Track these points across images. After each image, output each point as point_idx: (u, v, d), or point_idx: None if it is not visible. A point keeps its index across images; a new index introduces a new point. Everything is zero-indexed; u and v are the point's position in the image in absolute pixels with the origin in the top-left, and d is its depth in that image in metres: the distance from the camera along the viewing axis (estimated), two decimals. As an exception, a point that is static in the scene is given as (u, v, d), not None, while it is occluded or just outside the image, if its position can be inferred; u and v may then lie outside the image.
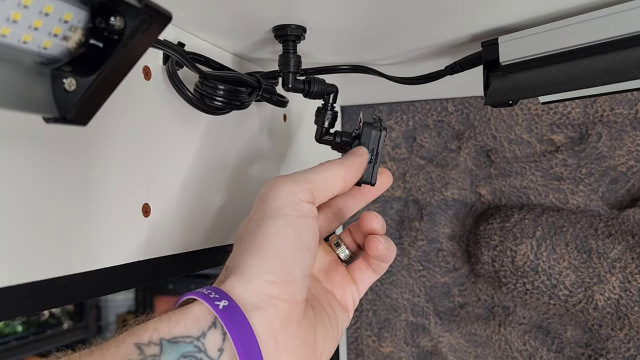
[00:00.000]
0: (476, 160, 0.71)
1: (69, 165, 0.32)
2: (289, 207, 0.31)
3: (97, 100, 0.23)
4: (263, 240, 0.30)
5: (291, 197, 0.31)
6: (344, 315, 0.37)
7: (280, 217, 0.30)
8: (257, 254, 0.30)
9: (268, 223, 0.30)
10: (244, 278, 0.29)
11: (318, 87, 0.42)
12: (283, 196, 0.31)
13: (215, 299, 0.28)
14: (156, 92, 0.39)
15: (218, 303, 0.28)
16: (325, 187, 0.33)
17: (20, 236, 0.29)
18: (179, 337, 0.27)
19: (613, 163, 0.64)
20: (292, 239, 0.30)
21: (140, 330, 0.27)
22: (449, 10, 0.37)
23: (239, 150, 0.50)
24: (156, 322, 0.28)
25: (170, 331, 0.27)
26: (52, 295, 0.30)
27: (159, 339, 0.27)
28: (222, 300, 0.28)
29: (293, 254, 0.30)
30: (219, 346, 0.27)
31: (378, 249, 0.36)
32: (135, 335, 0.27)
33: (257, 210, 0.32)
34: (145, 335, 0.27)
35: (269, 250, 0.30)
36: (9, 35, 0.20)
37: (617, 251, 0.62)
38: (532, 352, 0.69)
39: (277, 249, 0.30)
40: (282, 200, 0.31)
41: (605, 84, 0.34)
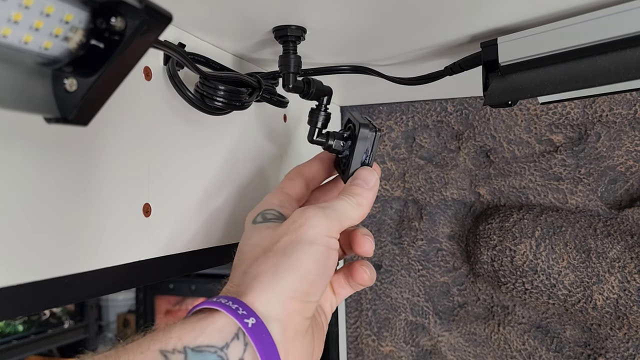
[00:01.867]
0: (475, 160, 0.71)
1: (69, 165, 0.32)
2: (322, 239, 0.34)
3: (98, 101, 0.23)
4: (298, 262, 0.32)
5: (325, 231, 0.34)
6: (326, 321, 0.40)
7: (315, 245, 0.33)
8: (293, 273, 0.32)
9: (304, 248, 0.33)
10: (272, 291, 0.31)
11: (317, 87, 0.42)
12: (319, 230, 0.34)
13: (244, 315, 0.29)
14: (157, 92, 0.39)
15: (247, 321, 0.29)
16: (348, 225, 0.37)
17: (20, 236, 0.29)
18: (203, 346, 0.28)
19: (612, 163, 0.64)
20: (321, 266, 0.33)
21: (164, 337, 0.28)
22: (448, 11, 0.37)
23: (239, 150, 0.50)
24: (180, 330, 0.28)
25: (194, 340, 0.28)
26: (52, 295, 0.30)
27: (183, 347, 0.27)
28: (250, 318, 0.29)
29: (318, 279, 0.33)
30: (240, 356, 0.29)
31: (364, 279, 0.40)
32: (159, 342, 0.27)
33: (292, 232, 0.34)
34: (170, 343, 0.27)
35: (302, 272, 0.32)
36: (10, 36, 0.20)
37: (616, 251, 0.62)
38: (531, 352, 0.69)
39: (309, 273, 0.32)
40: (318, 232, 0.34)
41: (604, 84, 0.34)
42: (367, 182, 0.39)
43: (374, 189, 0.39)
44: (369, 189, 0.39)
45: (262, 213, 0.39)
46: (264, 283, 0.32)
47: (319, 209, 0.35)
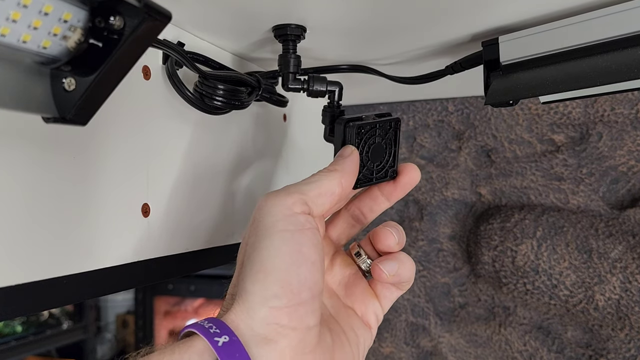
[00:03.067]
0: (476, 160, 0.71)
1: (69, 165, 0.32)
2: (283, 222, 0.29)
3: (96, 100, 0.23)
4: (261, 263, 0.28)
5: (284, 210, 0.29)
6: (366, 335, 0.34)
7: (275, 234, 0.28)
8: (258, 278, 0.27)
9: (264, 244, 0.28)
10: (248, 307, 0.27)
11: (318, 85, 0.42)
12: (275, 211, 0.29)
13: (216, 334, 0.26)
14: (156, 91, 0.39)
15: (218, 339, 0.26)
16: (319, 196, 0.31)
17: (20, 236, 0.29)
18: None
19: (614, 163, 0.64)
20: (292, 256, 0.28)
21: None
22: (449, 9, 0.37)
23: (238, 150, 0.49)
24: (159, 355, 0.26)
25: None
26: (51, 295, 0.30)
27: None
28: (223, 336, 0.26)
29: (296, 272, 0.28)
30: None
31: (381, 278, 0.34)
32: None
33: (252, 233, 0.30)
34: None
35: (270, 273, 0.27)
36: (8, 35, 0.20)
37: (618, 251, 0.62)
38: (533, 353, 0.69)
39: (278, 270, 0.27)
40: (275, 216, 0.29)
41: (605, 83, 0.34)
42: (342, 153, 0.35)
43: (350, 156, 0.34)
44: (344, 157, 0.34)
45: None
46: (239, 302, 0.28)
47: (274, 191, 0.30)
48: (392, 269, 0.33)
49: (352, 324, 0.34)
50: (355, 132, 0.36)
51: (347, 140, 0.36)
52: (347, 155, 0.34)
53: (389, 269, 0.33)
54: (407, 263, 0.34)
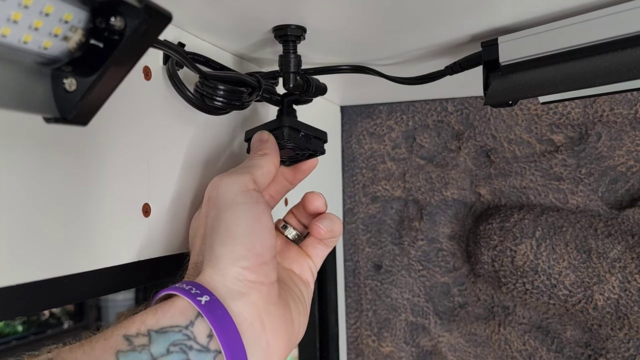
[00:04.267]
0: (476, 160, 0.71)
1: (70, 166, 0.32)
2: (241, 196, 0.33)
3: (97, 101, 0.23)
4: (228, 230, 0.32)
5: (241, 187, 0.34)
6: (306, 289, 0.40)
7: (237, 205, 0.33)
8: (227, 242, 0.31)
9: (228, 214, 0.32)
10: (220, 268, 0.31)
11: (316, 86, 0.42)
12: (232, 188, 0.33)
13: (197, 294, 0.29)
14: (156, 92, 0.39)
15: (200, 299, 0.29)
16: (262, 175, 0.37)
17: (20, 236, 0.29)
18: (166, 327, 0.28)
19: (613, 163, 0.64)
20: (253, 224, 0.32)
21: (128, 323, 0.28)
22: (448, 10, 0.37)
23: (239, 150, 0.50)
24: (142, 315, 0.29)
25: (157, 322, 0.28)
26: (52, 295, 0.30)
27: (146, 330, 0.28)
28: (204, 296, 0.29)
29: (258, 237, 0.32)
30: (208, 332, 0.29)
31: (320, 234, 0.39)
32: (122, 328, 0.28)
33: (212, 208, 0.34)
34: (133, 328, 0.28)
35: (236, 237, 0.31)
36: (9, 36, 0.20)
37: (617, 251, 0.62)
38: (532, 352, 0.69)
39: (244, 235, 0.32)
40: (233, 192, 0.33)
41: (604, 84, 0.34)
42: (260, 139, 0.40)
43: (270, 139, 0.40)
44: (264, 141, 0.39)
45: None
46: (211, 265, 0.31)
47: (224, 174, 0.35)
48: (328, 225, 0.39)
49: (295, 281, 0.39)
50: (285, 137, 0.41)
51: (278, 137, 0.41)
52: (266, 140, 0.40)
53: (325, 225, 0.39)
54: (337, 220, 0.40)
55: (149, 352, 0.27)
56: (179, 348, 0.27)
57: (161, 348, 0.27)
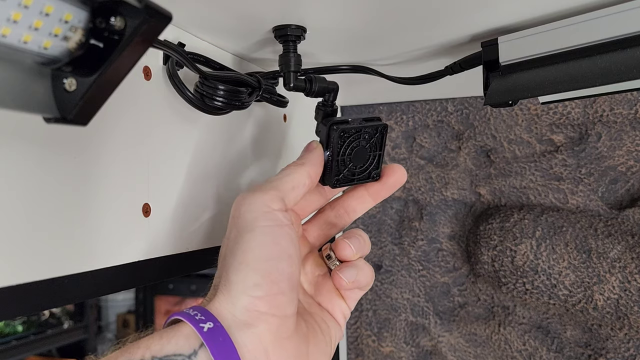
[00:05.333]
0: (476, 160, 0.71)
1: (70, 166, 0.32)
2: (262, 218, 0.31)
3: (97, 101, 0.23)
4: (243, 255, 0.30)
5: (263, 207, 0.31)
6: (336, 327, 0.37)
7: (256, 229, 0.30)
8: (240, 269, 0.30)
9: (245, 238, 0.30)
10: (231, 296, 0.29)
11: (319, 85, 0.42)
12: (254, 208, 0.31)
13: (201, 320, 0.28)
14: (156, 92, 0.39)
15: (203, 325, 0.28)
16: (292, 190, 0.33)
17: (20, 236, 0.29)
18: (170, 355, 0.27)
19: (613, 163, 0.64)
20: (271, 248, 0.30)
21: (133, 348, 0.27)
22: (448, 10, 0.37)
23: (239, 150, 0.50)
24: (148, 340, 0.28)
25: (162, 349, 0.27)
26: (52, 295, 0.30)
27: (150, 357, 0.27)
28: (207, 322, 0.28)
29: (275, 264, 0.30)
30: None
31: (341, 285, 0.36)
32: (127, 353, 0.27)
33: (233, 228, 0.32)
34: (138, 354, 0.27)
35: (251, 263, 0.30)
36: (9, 36, 0.20)
37: (617, 251, 0.62)
38: (532, 352, 0.69)
39: (258, 261, 0.30)
40: (255, 212, 0.31)
41: (605, 84, 0.34)
42: (307, 148, 0.37)
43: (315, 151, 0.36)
44: (309, 151, 0.37)
45: None
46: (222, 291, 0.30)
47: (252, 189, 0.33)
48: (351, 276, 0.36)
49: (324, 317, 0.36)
50: (337, 135, 0.37)
51: (331, 141, 0.38)
52: (312, 150, 0.37)
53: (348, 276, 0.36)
54: (365, 269, 0.37)
55: None
56: None
57: None
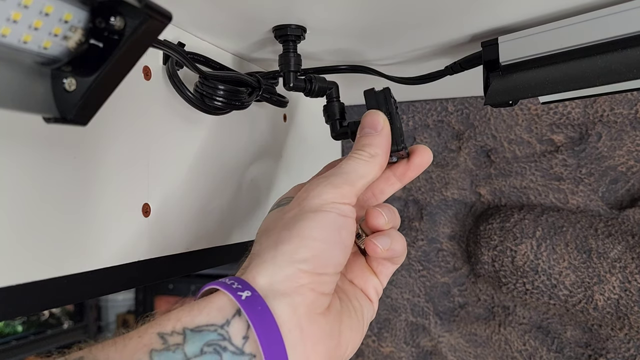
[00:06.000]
0: (476, 160, 0.71)
1: (70, 166, 0.32)
2: (330, 206, 0.31)
3: (97, 100, 0.23)
4: (301, 230, 0.30)
5: (332, 198, 0.31)
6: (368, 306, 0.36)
7: (321, 212, 0.30)
8: (293, 241, 0.29)
9: (308, 216, 0.30)
10: (273, 264, 0.29)
11: (319, 84, 0.42)
12: (325, 197, 0.31)
13: (238, 289, 0.28)
14: (156, 92, 0.39)
15: (241, 294, 0.27)
16: (365, 184, 0.33)
17: (20, 236, 0.29)
18: (202, 325, 0.27)
19: (613, 163, 0.64)
20: (331, 233, 0.30)
21: (163, 320, 0.27)
22: (448, 10, 0.37)
23: (239, 150, 0.50)
24: (179, 312, 0.27)
25: (193, 320, 0.27)
26: (52, 295, 0.30)
27: (182, 328, 0.27)
28: (245, 291, 0.28)
29: (330, 248, 0.30)
30: (244, 334, 0.27)
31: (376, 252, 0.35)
32: (157, 325, 0.27)
33: (295, 207, 0.32)
34: (168, 325, 0.27)
35: (307, 239, 0.29)
36: (9, 35, 0.20)
37: (617, 251, 0.62)
38: (532, 352, 0.69)
39: (315, 240, 0.30)
40: (323, 200, 0.31)
41: (605, 84, 0.34)
42: (374, 126, 0.34)
43: (383, 131, 0.34)
44: (378, 133, 0.34)
45: (279, 201, 0.37)
46: (264, 257, 0.29)
47: (322, 179, 0.32)
48: (385, 244, 0.35)
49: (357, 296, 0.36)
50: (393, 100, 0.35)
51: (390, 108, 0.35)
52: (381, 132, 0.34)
53: (382, 243, 0.35)
54: (398, 237, 0.36)
55: (182, 351, 0.26)
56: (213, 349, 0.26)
57: (195, 348, 0.26)
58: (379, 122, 0.34)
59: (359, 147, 0.34)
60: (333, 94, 0.42)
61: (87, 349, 0.26)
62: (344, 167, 0.33)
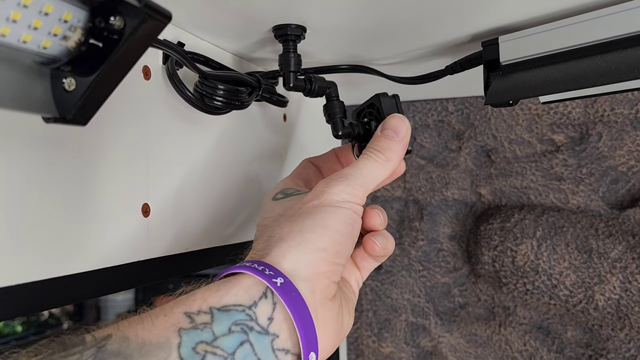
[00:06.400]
0: (476, 160, 0.71)
1: (69, 165, 0.32)
2: (347, 205, 0.33)
3: (96, 100, 0.23)
4: (324, 221, 0.32)
5: (349, 198, 0.34)
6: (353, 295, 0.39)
7: (340, 208, 0.33)
8: (317, 230, 0.32)
9: (329, 209, 0.33)
10: (298, 250, 0.31)
11: (319, 84, 0.42)
12: (342, 196, 0.34)
13: (271, 275, 0.29)
14: (156, 92, 0.39)
15: (275, 280, 0.29)
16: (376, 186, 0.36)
17: (20, 236, 0.29)
18: (230, 305, 0.28)
19: (613, 163, 0.64)
20: (347, 227, 0.33)
21: (188, 300, 0.27)
22: (449, 10, 0.37)
23: (238, 150, 0.49)
24: (204, 292, 0.28)
25: (220, 300, 0.28)
26: (52, 295, 0.30)
27: (208, 307, 0.27)
28: (278, 278, 0.29)
29: (345, 240, 0.33)
30: (269, 315, 0.28)
31: (374, 250, 0.38)
32: (183, 305, 0.27)
33: (314, 198, 0.34)
34: (195, 305, 0.27)
35: (328, 230, 0.32)
36: (8, 35, 0.20)
37: (618, 251, 0.62)
38: (533, 353, 0.69)
39: (335, 231, 0.32)
40: (342, 198, 0.34)
41: (605, 84, 0.34)
42: (397, 131, 0.37)
43: (404, 139, 0.37)
44: (399, 140, 0.36)
45: (283, 191, 0.39)
46: (290, 243, 0.31)
47: (341, 179, 0.34)
48: (382, 243, 0.38)
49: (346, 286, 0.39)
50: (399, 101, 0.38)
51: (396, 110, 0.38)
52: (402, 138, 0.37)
53: (381, 242, 0.38)
54: (390, 238, 0.39)
55: (211, 330, 0.26)
56: (240, 328, 0.27)
57: (223, 327, 0.27)
58: (402, 128, 0.37)
59: (377, 148, 0.36)
60: (332, 93, 0.42)
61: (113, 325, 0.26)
62: (361, 167, 0.35)
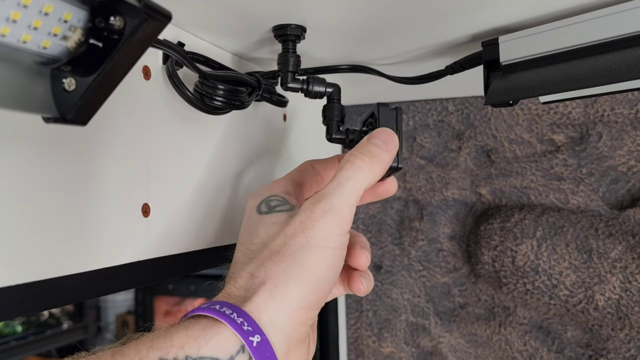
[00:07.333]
0: (476, 160, 0.71)
1: (69, 166, 0.32)
2: (334, 240, 0.32)
3: (96, 100, 0.23)
4: (309, 269, 0.31)
5: (337, 230, 0.32)
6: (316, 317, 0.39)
7: (327, 249, 0.31)
8: (302, 280, 0.30)
9: (316, 252, 0.31)
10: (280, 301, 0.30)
11: (317, 86, 0.42)
12: (330, 229, 0.32)
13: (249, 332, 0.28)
14: (156, 92, 0.39)
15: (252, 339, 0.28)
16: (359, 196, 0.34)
17: (20, 236, 0.29)
18: (207, 357, 0.27)
19: (613, 163, 0.64)
20: (331, 272, 0.32)
21: (165, 344, 0.27)
22: (449, 10, 0.37)
23: (238, 150, 0.49)
24: (182, 338, 0.27)
25: (198, 351, 0.27)
26: (52, 295, 0.30)
27: (184, 356, 0.27)
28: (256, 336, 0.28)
29: (327, 286, 0.32)
30: None
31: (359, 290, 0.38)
32: (159, 350, 0.27)
33: (301, 233, 0.32)
34: (171, 351, 0.27)
35: (312, 280, 0.31)
36: (8, 35, 0.20)
37: (618, 251, 0.62)
38: (533, 353, 0.69)
39: (319, 280, 0.31)
40: (329, 233, 0.32)
41: (605, 84, 0.34)
42: (385, 142, 0.35)
43: (391, 151, 0.35)
44: (386, 150, 0.35)
45: (266, 201, 0.36)
46: (272, 292, 0.30)
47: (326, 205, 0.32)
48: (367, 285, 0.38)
49: None
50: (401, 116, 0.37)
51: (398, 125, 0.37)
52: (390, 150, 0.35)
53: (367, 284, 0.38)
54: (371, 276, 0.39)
55: None
56: None
57: None
58: (392, 142, 0.35)
59: (363, 152, 0.34)
60: (334, 96, 0.42)
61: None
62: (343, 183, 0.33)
